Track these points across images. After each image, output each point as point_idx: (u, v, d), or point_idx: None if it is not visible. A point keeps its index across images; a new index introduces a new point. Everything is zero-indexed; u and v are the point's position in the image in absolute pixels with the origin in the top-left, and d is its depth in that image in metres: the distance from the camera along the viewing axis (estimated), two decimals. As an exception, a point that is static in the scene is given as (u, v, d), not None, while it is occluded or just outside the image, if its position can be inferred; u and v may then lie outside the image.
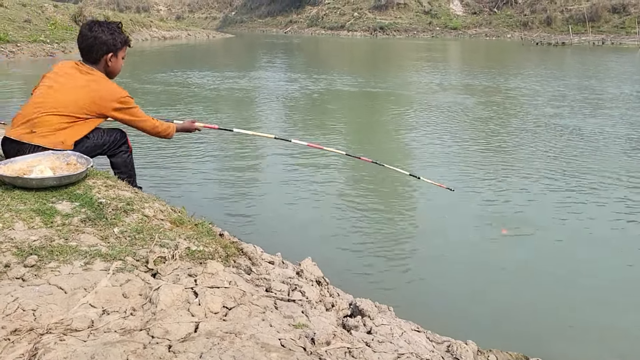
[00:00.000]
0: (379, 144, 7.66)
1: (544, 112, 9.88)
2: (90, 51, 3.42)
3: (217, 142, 7.01)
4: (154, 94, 11.31)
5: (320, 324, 2.16)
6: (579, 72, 17.91)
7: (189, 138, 7.10)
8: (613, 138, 7.70)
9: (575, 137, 7.77)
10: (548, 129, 8.43)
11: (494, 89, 13.30)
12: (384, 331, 2.30)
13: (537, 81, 14.88)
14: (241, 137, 7.18)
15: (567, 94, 12.22)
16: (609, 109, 10.36)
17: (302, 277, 2.69)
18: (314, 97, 11.68)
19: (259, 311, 2.12)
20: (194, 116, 8.84)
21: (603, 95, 12.25)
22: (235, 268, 2.50)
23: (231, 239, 2.92)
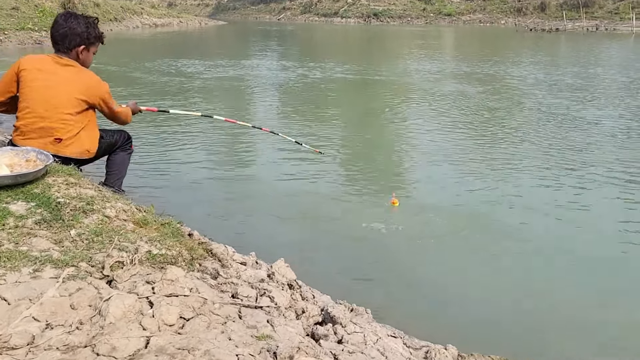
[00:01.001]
0: (373, 133, 7.47)
1: (540, 101, 9.70)
2: (62, 41, 3.39)
3: (196, 136, 6.78)
4: (142, 83, 11.05)
5: (286, 335, 2.00)
6: (574, 59, 17.71)
7: (164, 133, 6.91)
8: (612, 128, 7.53)
9: (572, 126, 7.61)
10: (545, 117, 8.27)
11: (490, 76, 13.11)
12: (356, 340, 2.15)
13: (533, 69, 14.69)
14: (221, 131, 6.98)
15: (563, 82, 12.04)
16: (606, 97, 10.19)
17: (273, 280, 2.53)
18: (307, 86, 11.46)
19: (220, 322, 1.96)
20: (183, 106, 8.61)
21: (600, 83, 12.08)
22: (200, 272, 2.34)
23: (200, 240, 2.76)
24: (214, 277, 2.39)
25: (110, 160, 3.81)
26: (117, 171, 3.81)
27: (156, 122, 7.47)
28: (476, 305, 3.09)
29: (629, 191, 4.99)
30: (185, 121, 7.53)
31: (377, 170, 5.62)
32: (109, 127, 3.78)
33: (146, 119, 7.59)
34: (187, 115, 4.13)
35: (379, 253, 3.75)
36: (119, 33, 26.27)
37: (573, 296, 3.19)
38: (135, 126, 6.94)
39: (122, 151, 3.83)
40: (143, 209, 2.79)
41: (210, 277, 2.36)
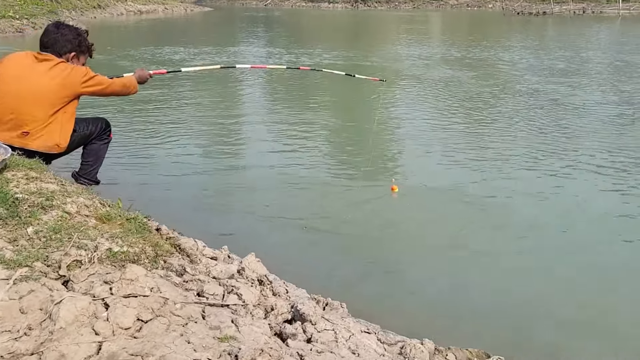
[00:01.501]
0: (363, 120, 7.32)
1: (531, 86, 9.56)
2: (53, 46, 3.33)
3: (178, 127, 6.60)
4: (128, 72, 10.81)
5: (250, 335, 1.91)
6: (563, 43, 17.60)
7: (146, 122, 6.74)
8: (602, 113, 7.45)
9: (563, 111, 7.52)
10: (536, 102, 8.17)
11: (480, 61, 12.98)
12: (327, 338, 2.06)
13: (523, 53, 14.56)
14: (204, 122, 6.80)
15: (554, 67, 11.93)
16: (597, 81, 10.11)
17: (242, 276, 2.43)
18: (296, 73, 11.26)
19: (180, 323, 1.86)
20: (167, 94, 8.43)
21: (591, 67, 11.99)
22: (164, 270, 2.23)
23: (168, 234, 2.65)
24: (180, 274, 2.29)
25: (85, 150, 3.69)
26: (91, 161, 3.70)
27: (140, 111, 7.29)
28: (458, 297, 3.02)
29: (618, 177, 4.92)
30: (167, 111, 7.37)
31: (365, 157, 5.50)
32: (86, 116, 3.65)
33: (130, 107, 7.41)
34: (203, 70, 3.89)
35: (361, 244, 3.65)
36: (103, 20, 25.78)
37: (555, 288, 3.12)
38: (116, 114, 6.78)
39: (99, 140, 3.71)
40: (108, 204, 2.67)
41: (175, 275, 2.26)
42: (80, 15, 24.42)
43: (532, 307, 2.91)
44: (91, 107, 6.59)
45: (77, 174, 3.73)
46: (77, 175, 3.73)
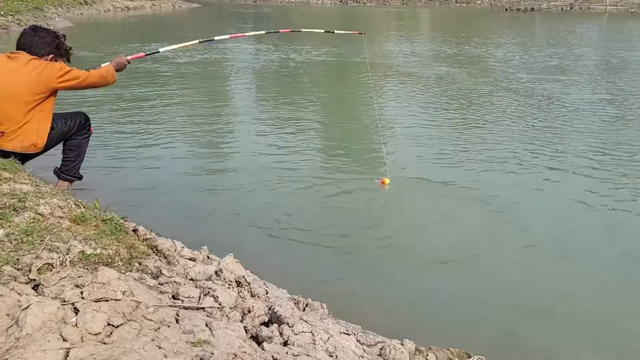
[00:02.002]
0: (354, 118, 7.28)
1: (523, 83, 9.55)
2: (30, 47, 3.27)
3: (162, 125, 6.52)
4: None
5: (225, 339, 1.87)
6: (554, 40, 17.67)
7: (127, 119, 6.65)
8: (595, 109, 7.47)
9: (554, 109, 7.51)
10: (527, 100, 8.16)
11: (471, 58, 12.98)
12: (304, 340, 2.03)
13: (515, 50, 14.59)
14: (189, 119, 6.72)
15: (546, 64, 11.96)
16: (588, 79, 10.14)
17: (220, 278, 2.39)
18: (286, 70, 11.20)
19: (152, 327, 1.83)
20: (155, 93, 8.32)
21: (582, 64, 12.03)
22: (138, 272, 2.19)
23: (146, 235, 2.60)
24: (155, 276, 2.25)
25: (66, 146, 3.63)
26: (73, 157, 3.63)
27: (122, 109, 7.20)
28: (439, 296, 3.00)
29: (610, 174, 4.91)
30: (152, 109, 7.28)
31: (356, 155, 5.46)
32: (63, 112, 3.58)
33: (112, 104, 7.32)
34: (182, 48, 3.85)
35: (345, 243, 3.61)
36: (89, 17, 25.48)
37: (538, 286, 3.11)
38: (96, 112, 6.69)
39: (79, 135, 3.63)
40: (83, 205, 2.62)
41: (151, 277, 2.22)
42: (66, 12, 24.09)
43: (514, 306, 2.90)
44: (68, 105, 6.50)
45: (60, 170, 3.67)
46: (59, 172, 3.67)
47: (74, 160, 3.65)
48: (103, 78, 3.49)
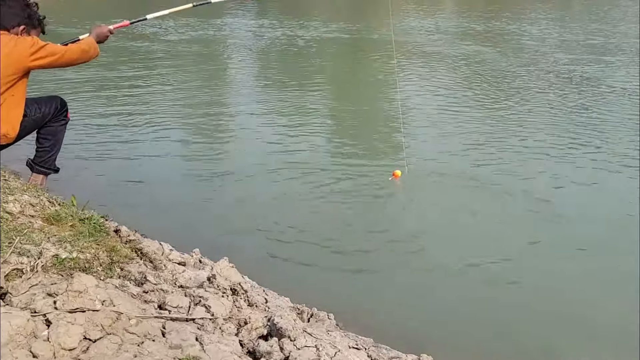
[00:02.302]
0: (369, 104, 7.20)
1: (562, 64, 9.40)
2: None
3: (148, 113, 6.48)
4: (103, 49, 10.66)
5: (217, 355, 1.86)
6: (595, 14, 17.42)
7: (109, 107, 6.62)
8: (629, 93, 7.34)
9: (598, 94, 7.39)
10: (566, 83, 8.04)
11: (502, 35, 12.82)
12: (307, 356, 2.01)
13: (550, 26, 14.42)
14: (177, 110, 6.66)
15: (586, 41, 11.78)
16: (631, 57, 9.96)
17: (213, 285, 2.38)
18: (292, 49, 11.15)
19: (135, 342, 1.81)
20: (147, 77, 8.29)
21: (628, 42, 11.82)
22: (120, 279, 2.18)
23: (129, 237, 2.59)
24: (139, 283, 2.23)
25: (40, 134, 3.56)
26: (49, 147, 3.58)
27: (107, 94, 7.20)
28: (461, 308, 2.95)
29: None
30: (141, 94, 7.27)
31: (371, 147, 5.39)
32: (37, 97, 3.55)
33: (94, 88, 7.32)
34: (174, 13, 3.73)
35: (356, 247, 3.56)
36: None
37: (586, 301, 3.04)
38: (76, 97, 6.70)
39: (56, 122, 3.57)
40: (58, 202, 2.61)
41: (134, 284, 2.20)
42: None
43: (548, 320, 2.85)
44: (43, 89, 6.52)
45: (33, 162, 3.63)
46: (32, 164, 3.63)
47: (49, 150, 3.60)
48: (84, 53, 3.34)
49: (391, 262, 3.38)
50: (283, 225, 3.77)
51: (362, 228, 3.79)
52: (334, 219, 3.88)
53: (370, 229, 3.77)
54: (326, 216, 3.93)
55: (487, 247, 3.55)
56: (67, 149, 4.19)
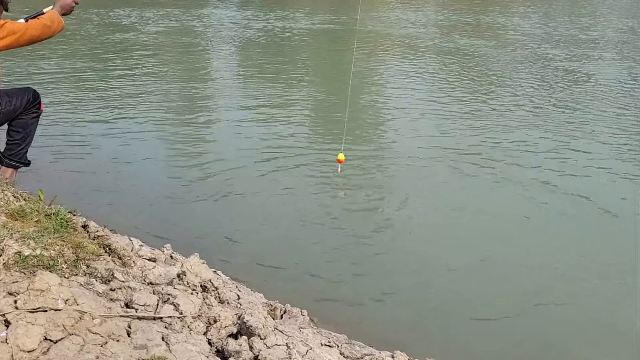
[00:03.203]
0: (347, 96, 7.11)
1: (548, 58, 9.41)
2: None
3: (124, 104, 6.33)
4: (73, 39, 10.49)
5: (184, 355, 1.81)
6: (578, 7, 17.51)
7: (85, 95, 6.49)
8: (625, 88, 7.35)
9: (573, 81, 7.42)
10: (545, 72, 8.08)
11: (481, 27, 12.84)
12: (277, 355, 1.97)
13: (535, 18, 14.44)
14: (151, 98, 6.50)
15: (569, 34, 11.82)
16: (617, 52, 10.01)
17: (183, 282, 2.33)
18: (274, 40, 11.03)
19: (98, 342, 1.76)
20: (128, 69, 8.10)
21: (610, 35, 11.87)
22: (85, 277, 2.12)
23: (97, 232, 2.53)
24: (106, 281, 2.18)
25: (11, 127, 3.47)
26: (19, 140, 3.49)
27: (78, 82, 7.05)
28: (438, 303, 2.93)
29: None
30: (117, 84, 7.13)
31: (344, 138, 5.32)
32: (8, 88, 3.44)
33: (68, 78, 7.16)
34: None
35: (333, 240, 3.53)
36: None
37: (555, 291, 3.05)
38: (49, 86, 6.55)
39: (27, 115, 3.48)
40: (24, 197, 2.54)
41: (100, 282, 2.15)
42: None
43: (523, 315, 2.85)
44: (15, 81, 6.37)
45: (3, 155, 3.53)
46: (2, 157, 3.54)
47: (19, 143, 3.51)
48: (47, 28, 3.08)
49: (367, 256, 3.35)
50: (259, 221, 3.72)
51: (339, 220, 3.76)
52: (309, 214, 3.84)
53: (347, 222, 3.74)
54: (302, 211, 3.88)
55: (458, 237, 3.54)
56: (40, 142, 4.10)
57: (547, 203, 4.12)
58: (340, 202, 4.04)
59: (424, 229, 3.70)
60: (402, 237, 3.58)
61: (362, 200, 4.08)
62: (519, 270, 3.24)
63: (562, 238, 3.63)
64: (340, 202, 4.04)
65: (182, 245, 2.99)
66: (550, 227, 3.78)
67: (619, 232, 3.70)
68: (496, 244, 3.50)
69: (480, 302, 2.94)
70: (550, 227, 3.78)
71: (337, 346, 2.27)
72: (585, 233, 3.69)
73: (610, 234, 3.69)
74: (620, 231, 3.71)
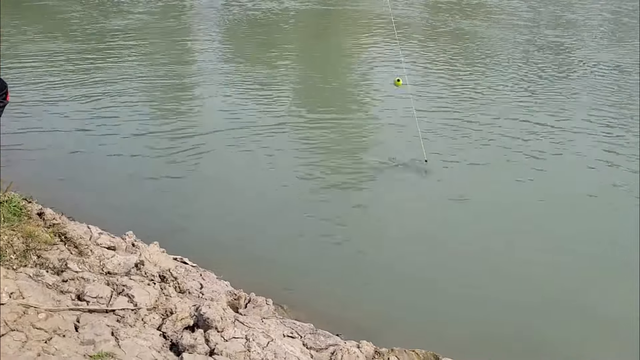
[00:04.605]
0: (335, 75, 6.93)
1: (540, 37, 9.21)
2: None
3: (98, 86, 6.09)
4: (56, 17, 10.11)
5: (134, 350, 1.73)
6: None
7: (60, 77, 6.23)
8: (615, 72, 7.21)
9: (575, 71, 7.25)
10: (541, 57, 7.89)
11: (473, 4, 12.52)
12: (235, 348, 1.90)
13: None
14: (130, 81, 6.24)
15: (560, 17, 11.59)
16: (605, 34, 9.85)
17: (140, 272, 2.24)
18: (259, 20, 10.73)
19: (42, 338, 1.67)
20: (110, 51, 7.80)
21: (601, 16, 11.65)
22: (35, 267, 2.02)
23: (54, 220, 2.42)
24: (58, 271, 2.08)
25: None
26: None
27: (50, 63, 6.79)
28: (409, 291, 2.86)
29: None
30: (89, 66, 6.87)
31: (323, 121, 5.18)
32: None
33: (38, 56, 6.91)
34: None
35: (304, 225, 3.43)
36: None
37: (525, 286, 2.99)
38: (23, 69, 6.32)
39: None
40: (-25, 183, 2.42)
41: (51, 273, 2.05)
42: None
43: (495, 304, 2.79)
44: None
45: None
46: None
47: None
48: None
49: (339, 241, 3.27)
50: (228, 207, 3.61)
51: (313, 206, 3.66)
52: (283, 199, 3.73)
53: (321, 207, 3.63)
54: (278, 195, 3.78)
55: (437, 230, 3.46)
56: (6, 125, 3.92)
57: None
58: (311, 186, 3.91)
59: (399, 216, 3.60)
60: (373, 224, 3.49)
61: (335, 184, 3.97)
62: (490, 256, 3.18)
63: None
64: (311, 186, 3.91)
65: (147, 232, 2.87)
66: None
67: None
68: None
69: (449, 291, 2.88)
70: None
71: (301, 337, 2.20)
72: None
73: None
74: None
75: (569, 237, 3.36)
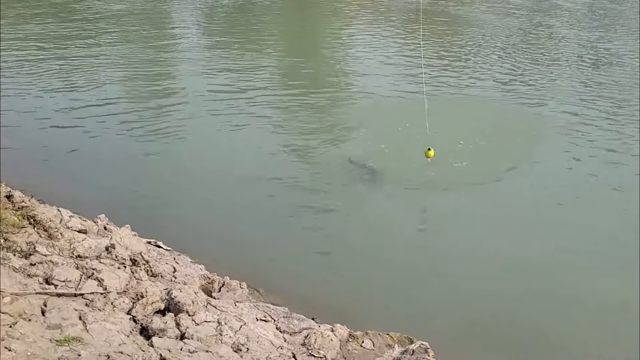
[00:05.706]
0: (319, 63, 6.82)
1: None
2: None
3: (78, 70, 5.95)
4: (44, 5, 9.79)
5: (102, 335, 1.71)
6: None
7: (42, 61, 6.09)
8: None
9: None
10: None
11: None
12: (206, 332, 1.89)
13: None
14: (111, 65, 6.11)
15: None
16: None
17: (111, 255, 2.20)
18: (241, 4, 10.55)
19: (7, 322, 1.64)
20: (83, 34, 7.59)
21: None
22: (2, 251, 1.97)
23: (23, 203, 2.36)
24: (26, 255, 2.04)
25: None
26: None
27: (29, 46, 6.65)
28: (385, 274, 2.86)
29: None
30: (69, 49, 6.71)
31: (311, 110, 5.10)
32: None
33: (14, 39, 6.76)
34: None
35: (285, 207, 3.40)
36: None
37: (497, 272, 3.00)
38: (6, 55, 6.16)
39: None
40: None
41: (19, 256, 2.01)
42: None
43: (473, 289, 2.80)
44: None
45: None
46: None
47: None
48: None
49: (318, 226, 3.25)
50: (208, 191, 3.56)
51: (294, 192, 3.62)
52: (266, 184, 3.68)
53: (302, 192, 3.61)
54: (250, 183, 3.72)
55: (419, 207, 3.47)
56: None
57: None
58: (288, 166, 3.88)
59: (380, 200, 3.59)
60: (354, 205, 3.48)
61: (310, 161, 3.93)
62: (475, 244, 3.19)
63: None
64: (288, 166, 3.88)
65: (121, 216, 2.83)
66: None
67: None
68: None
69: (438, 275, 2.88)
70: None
71: (274, 320, 2.19)
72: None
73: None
74: None
75: (566, 232, 3.34)
